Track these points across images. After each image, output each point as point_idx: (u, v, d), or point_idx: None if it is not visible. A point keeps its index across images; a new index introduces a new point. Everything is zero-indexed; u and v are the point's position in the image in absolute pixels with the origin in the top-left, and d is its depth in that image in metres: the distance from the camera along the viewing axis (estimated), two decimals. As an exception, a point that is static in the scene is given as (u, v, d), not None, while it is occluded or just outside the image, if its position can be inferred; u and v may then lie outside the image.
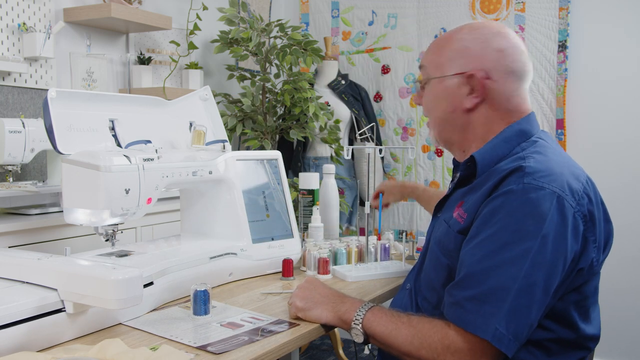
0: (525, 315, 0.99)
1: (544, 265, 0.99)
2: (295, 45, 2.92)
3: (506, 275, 0.99)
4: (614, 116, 2.97)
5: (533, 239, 0.99)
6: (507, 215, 1.01)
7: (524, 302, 0.98)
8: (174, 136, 1.56)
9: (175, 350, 0.98)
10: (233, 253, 1.50)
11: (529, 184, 1.02)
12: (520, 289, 0.98)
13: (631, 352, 2.95)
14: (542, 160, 1.08)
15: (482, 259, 1.01)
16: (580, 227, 1.04)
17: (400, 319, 1.08)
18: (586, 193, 1.08)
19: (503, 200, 1.03)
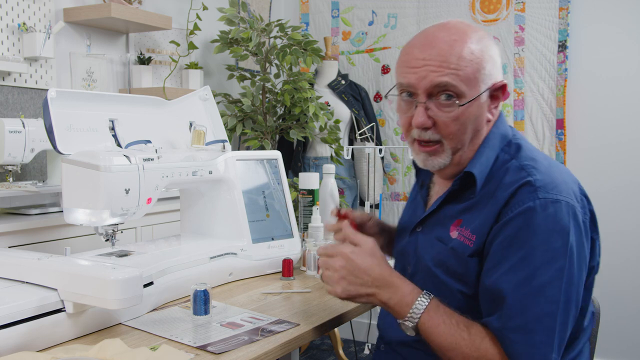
0: (565, 331, 0.98)
1: (575, 279, 0.99)
2: (295, 45, 2.92)
3: (547, 299, 0.96)
4: (614, 116, 2.97)
5: (563, 257, 0.97)
6: (533, 235, 0.98)
7: (565, 320, 0.98)
8: (174, 136, 1.56)
9: (175, 350, 0.98)
10: (233, 253, 1.50)
11: (544, 198, 0.99)
12: (562, 311, 0.97)
13: (631, 352, 2.95)
14: (544, 170, 1.05)
15: (519, 285, 0.97)
16: (588, 231, 1.04)
17: (461, 333, 1.00)
18: (582, 193, 1.07)
19: (524, 220, 0.99)
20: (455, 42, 1.06)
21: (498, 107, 1.13)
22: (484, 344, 0.99)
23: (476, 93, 1.07)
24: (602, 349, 2.30)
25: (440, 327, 1.01)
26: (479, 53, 1.06)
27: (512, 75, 3.16)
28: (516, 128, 3.15)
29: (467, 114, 1.07)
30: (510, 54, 3.16)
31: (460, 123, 1.07)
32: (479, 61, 1.06)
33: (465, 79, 1.05)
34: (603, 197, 3.00)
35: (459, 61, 1.05)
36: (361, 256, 1.07)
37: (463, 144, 1.10)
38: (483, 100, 1.09)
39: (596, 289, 1.61)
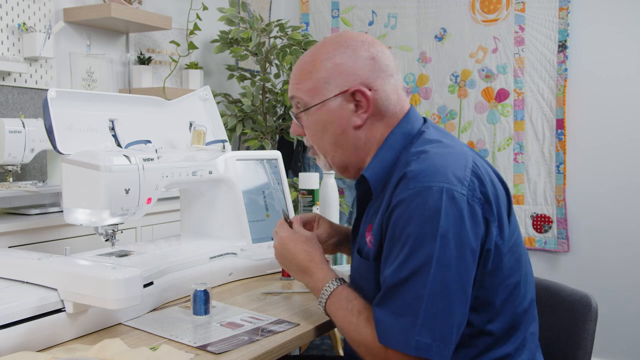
0: (447, 317, 0.97)
1: (452, 262, 0.97)
2: (295, 45, 2.92)
3: (416, 284, 0.97)
4: (614, 116, 2.97)
5: (432, 241, 0.97)
6: (406, 225, 0.99)
7: (441, 305, 0.97)
8: (174, 136, 1.56)
9: (175, 350, 0.99)
10: (233, 253, 1.50)
11: (414, 187, 1.00)
12: (432, 294, 0.96)
13: (631, 352, 2.95)
14: (424, 159, 1.05)
15: (393, 273, 1.00)
16: (478, 211, 1.01)
17: (351, 318, 1.07)
18: (475, 176, 1.03)
19: (398, 212, 1.01)
20: (304, 58, 1.17)
21: (369, 111, 1.13)
22: (366, 328, 1.04)
23: (318, 101, 1.14)
24: (601, 349, 2.30)
25: (339, 312, 1.10)
26: (320, 64, 1.14)
27: (512, 75, 3.16)
28: (516, 128, 3.15)
29: (316, 120, 1.15)
30: (510, 54, 3.16)
31: (314, 129, 1.17)
32: (319, 72, 1.14)
33: (305, 90, 1.15)
34: (603, 197, 3.00)
35: (300, 74, 1.16)
36: (293, 242, 1.23)
37: (325, 150, 1.18)
38: (334, 107, 1.13)
39: (595, 288, 1.62)
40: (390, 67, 1.15)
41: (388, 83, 1.14)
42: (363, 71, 1.13)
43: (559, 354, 1.29)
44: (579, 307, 1.30)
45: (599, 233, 3.01)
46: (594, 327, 1.28)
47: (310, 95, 1.14)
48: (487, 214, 1.03)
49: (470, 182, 1.02)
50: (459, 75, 3.28)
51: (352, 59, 1.13)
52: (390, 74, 1.15)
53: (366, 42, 1.15)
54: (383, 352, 1.00)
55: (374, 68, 1.13)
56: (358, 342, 1.04)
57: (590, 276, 3.00)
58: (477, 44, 3.24)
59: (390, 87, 1.15)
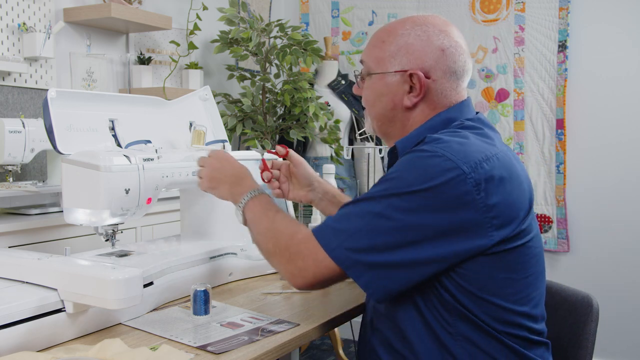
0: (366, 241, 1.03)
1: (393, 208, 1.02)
2: (295, 45, 2.92)
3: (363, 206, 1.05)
4: (614, 116, 2.97)
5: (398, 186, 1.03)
6: (396, 169, 1.07)
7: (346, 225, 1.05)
8: (174, 136, 1.56)
9: (175, 350, 0.99)
10: (233, 253, 1.50)
11: (420, 149, 1.07)
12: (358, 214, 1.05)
13: (631, 352, 2.95)
14: (439, 143, 1.07)
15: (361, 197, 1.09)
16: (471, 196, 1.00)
17: (268, 214, 1.18)
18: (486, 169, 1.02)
19: (397, 165, 1.08)
20: (383, 28, 1.23)
21: (420, 96, 1.16)
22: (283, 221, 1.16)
23: (379, 71, 1.19)
24: (601, 349, 2.30)
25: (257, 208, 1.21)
26: (393, 39, 1.19)
27: (512, 75, 3.16)
28: (516, 128, 3.15)
29: (374, 87, 1.21)
30: (510, 54, 3.16)
31: (369, 95, 1.23)
32: (389, 45, 1.19)
33: (373, 57, 1.20)
34: (603, 197, 3.00)
35: (374, 43, 1.22)
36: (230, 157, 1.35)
37: (374, 116, 1.23)
38: (391, 81, 1.18)
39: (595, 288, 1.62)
40: (458, 64, 1.17)
41: (449, 79, 1.17)
42: (428, 58, 1.16)
43: (560, 354, 1.29)
44: (580, 308, 1.30)
45: (599, 233, 3.01)
46: (595, 328, 1.28)
47: (376, 63, 1.20)
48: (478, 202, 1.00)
49: (479, 166, 1.02)
50: (459, 75, 3.27)
51: (424, 43, 1.16)
52: (453, 71, 1.17)
53: (444, 33, 1.17)
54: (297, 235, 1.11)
55: (439, 60, 1.16)
56: (272, 229, 1.15)
57: (590, 276, 3.00)
58: (477, 44, 3.24)
59: (450, 83, 1.17)
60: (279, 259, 1.13)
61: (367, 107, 1.25)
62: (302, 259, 1.08)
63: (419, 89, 1.15)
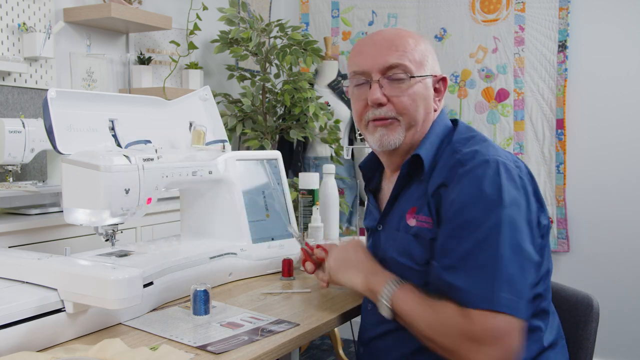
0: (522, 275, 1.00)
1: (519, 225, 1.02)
2: (295, 45, 2.92)
3: (489, 247, 1.00)
4: (614, 116, 2.97)
5: (496, 207, 1.01)
6: (468, 197, 1.04)
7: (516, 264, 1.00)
8: (174, 136, 1.56)
9: (175, 350, 0.98)
10: (233, 253, 1.50)
11: (472, 164, 1.07)
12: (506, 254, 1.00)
13: (631, 352, 2.95)
14: (473, 144, 1.14)
15: (460, 242, 1.02)
16: (527, 186, 1.09)
17: (427, 302, 1.05)
18: (518, 159, 1.14)
19: (458, 189, 1.06)
20: (399, 33, 1.21)
21: (442, 100, 1.24)
22: (446, 308, 1.02)
23: (422, 73, 1.19)
24: (601, 348, 2.30)
25: (410, 298, 1.07)
26: (422, 44, 1.21)
27: (512, 75, 3.16)
28: (516, 128, 3.15)
29: (417, 90, 1.18)
30: (510, 54, 3.16)
31: (412, 99, 1.18)
32: (422, 49, 1.20)
33: (413, 60, 1.18)
34: (603, 196, 3.00)
35: (406, 46, 1.19)
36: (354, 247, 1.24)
37: (416, 121, 1.20)
38: (428, 85, 1.20)
39: (596, 288, 1.62)
40: None
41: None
42: (438, 64, 1.25)
43: (559, 354, 1.29)
44: (581, 308, 1.30)
45: (599, 233, 3.01)
46: (595, 328, 1.28)
47: (416, 65, 1.19)
48: (529, 189, 1.09)
49: (517, 161, 1.12)
50: (459, 75, 3.28)
51: (431, 48, 1.24)
52: None
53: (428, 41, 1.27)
54: (468, 319, 0.98)
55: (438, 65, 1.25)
56: (440, 323, 1.01)
57: (591, 276, 3.00)
58: (477, 44, 3.24)
59: None
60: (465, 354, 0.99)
61: (407, 112, 1.19)
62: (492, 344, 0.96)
63: (443, 92, 1.22)
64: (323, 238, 1.77)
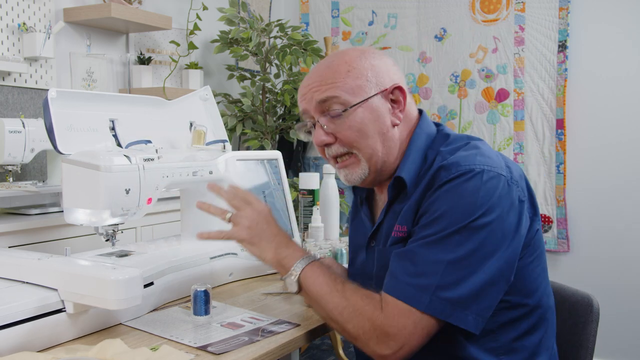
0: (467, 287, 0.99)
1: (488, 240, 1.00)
2: (295, 45, 2.92)
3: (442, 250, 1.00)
4: (614, 116, 2.97)
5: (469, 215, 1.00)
6: (444, 202, 1.03)
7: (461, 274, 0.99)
8: (174, 136, 1.56)
9: (175, 351, 0.98)
10: (233, 253, 1.50)
11: (456, 172, 1.04)
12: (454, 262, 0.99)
13: (631, 352, 2.95)
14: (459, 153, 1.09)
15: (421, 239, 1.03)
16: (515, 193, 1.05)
17: (336, 285, 1.07)
18: (508, 165, 1.10)
19: (438, 193, 1.04)
20: (332, 62, 1.15)
21: (404, 110, 1.16)
22: (355, 294, 1.04)
23: (361, 99, 1.12)
24: (601, 348, 2.30)
25: (320, 278, 1.08)
26: (357, 64, 1.13)
27: (512, 75, 3.16)
28: (516, 128, 3.15)
29: (360, 119, 1.12)
30: (510, 54, 3.16)
31: (357, 129, 1.12)
32: (359, 71, 1.13)
33: (347, 89, 1.12)
34: (603, 196, 3.00)
35: (336, 76, 1.13)
36: (271, 216, 1.20)
37: (373, 149, 1.14)
38: (376, 105, 1.13)
39: (595, 288, 1.61)
40: (402, 73, 1.23)
41: (405, 88, 1.18)
42: (391, 73, 1.16)
43: (560, 355, 1.29)
44: (581, 308, 1.30)
45: (599, 233, 3.01)
46: (595, 328, 1.28)
47: (352, 93, 1.12)
48: (522, 196, 1.07)
49: (507, 167, 1.07)
50: (459, 75, 3.28)
51: (382, 62, 1.16)
52: (404, 80, 1.19)
53: (378, 53, 1.19)
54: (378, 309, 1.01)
55: (397, 73, 1.17)
56: (345, 307, 1.04)
57: (590, 276, 3.00)
58: (477, 44, 3.24)
59: (408, 92, 1.19)
60: (364, 341, 1.02)
61: (358, 144, 1.13)
62: (394, 336, 0.99)
63: (403, 103, 1.15)
64: (323, 238, 1.77)
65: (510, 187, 1.05)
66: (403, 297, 1.00)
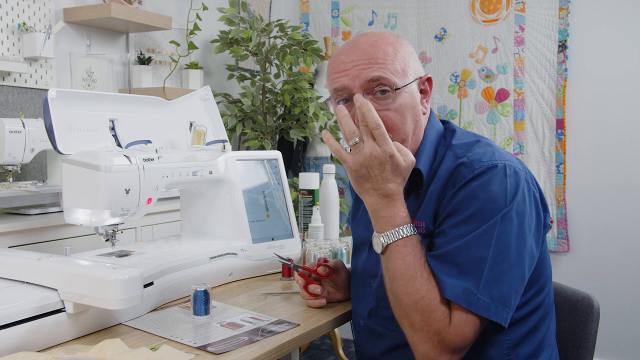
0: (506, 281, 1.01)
1: (513, 231, 1.02)
2: (295, 45, 2.92)
3: (479, 247, 1.01)
4: (614, 116, 2.97)
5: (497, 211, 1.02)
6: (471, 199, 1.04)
7: (501, 268, 1.01)
8: (174, 136, 1.56)
9: (175, 351, 0.98)
10: (233, 253, 1.50)
11: (480, 167, 1.06)
12: (494, 258, 1.00)
13: (631, 352, 2.95)
14: (476, 147, 1.12)
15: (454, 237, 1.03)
16: (532, 188, 1.09)
17: (423, 271, 1.03)
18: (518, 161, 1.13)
19: (465, 192, 1.05)
20: (376, 42, 1.13)
21: (429, 101, 1.20)
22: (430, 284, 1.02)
23: (406, 82, 1.13)
24: (602, 348, 2.30)
25: (408, 257, 1.04)
26: (400, 49, 1.14)
27: (512, 75, 3.16)
28: (516, 128, 3.15)
29: (404, 103, 1.12)
30: (510, 54, 3.16)
31: (400, 113, 1.12)
32: (403, 55, 1.14)
33: (394, 71, 1.12)
34: (603, 196, 3.00)
35: (385, 56, 1.11)
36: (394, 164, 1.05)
37: (407, 135, 1.14)
38: (414, 91, 1.15)
39: (596, 288, 1.62)
40: None
41: None
42: (419, 63, 1.19)
43: (560, 354, 1.29)
44: (581, 308, 1.30)
45: (599, 233, 3.01)
46: (595, 328, 1.28)
47: (400, 76, 1.12)
48: (535, 192, 1.10)
49: (521, 164, 1.10)
50: (458, 75, 3.28)
51: (413, 50, 1.18)
52: None
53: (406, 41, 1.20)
54: (444, 308, 1.01)
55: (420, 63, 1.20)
56: (419, 295, 1.01)
57: (590, 276, 3.00)
58: (477, 44, 3.24)
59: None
60: (422, 339, 1.01)
61: (395, 128, 1.11)
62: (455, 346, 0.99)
63: (429, 92, 1.18)
64: (323, 238, 1.77)
65: (528, 182, 1.08)
66: (457, 300, 0.99)
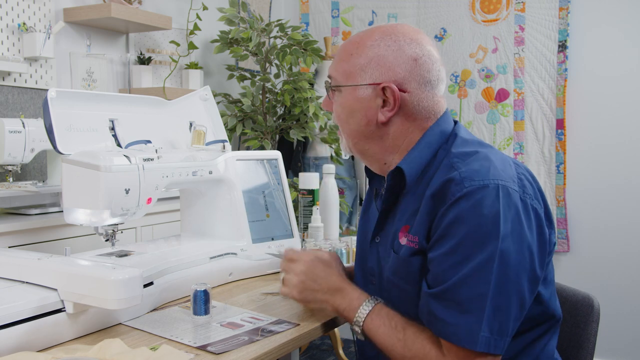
0: (506, 312, 0.98)
1: (511, 259, 0.98)
2: (295, 45, 2.92)
3: (479, 282, 0.97)
4: (614, 116, 2.97)
5: (494, 239, 0.97)
6: (463, 224, 0.99)
7: (502, 301, 0.97)
8: (174, 136, 1.56)
9: (175, 350, 0.98)
10: (233, 253, 1.50)
11: (470, 186, 1.00)
12: (494, 291, 0.97)
13: (631, 352, 2.95)
14: (472, 160, 1.06)
15: (451, 271, 0.99)
16: (529, 207, 1.03)
17: (397, 334, 1.06)
18: (520, 174, 1.07)
19: (454, 212, 1.00)
20: (351, 40, 1.17)
21: (394, 110, 1.12)
22: (416, 343, 1.03)
23: (349, 84, 1.14)
24: (602, 348, 2.30)
25: (380, 329, 1.08)
26: (362, 51, 1.13)
27: (512, 75, 3.16)
28: (516, 128, 3.15)
29: (345, 103, 1.16)
30: (510, 54, 3.16)
31: (340, 111, 1.17)
32: (358, 57, 1.13)
33: (342, 71, 1.15)
34: (603, 196, 3.00)
35: (342, 55, 1.16)
36: (320, 265, 1.19)
37: (348, 134, 1.18)
38: (363, 95, 1.13)
39: (596, 288, 1.62)
40: (432, 74, 1.13)
41: (424, 89, 1.13)
42: (401, 70, 1.11)
43: (560, 355, 1.29)
44: (581, 308, 1.30)
45: (599, 233, 3.01)
46: (596, 328, 1.28)
47: (344, 76, 1.15)
48: (538, 209, 1.05)
49: (519, 179, 1.05)
50: (458, 75, 3.28)
51: (395, 54, 1.11)
52: (428, 81, 1.13)
53: (415, 41, 1.12)
54: (435, 350, 1.00)
55: (413, 70, 1.11)
56: (409, 357, 1.03)
57: (591, 276, 3.00)
58: (477, 44, 3.24)
59: (426, 93, 1.13)
60: None
61: (340, 124, 1.19)
62: None
63: (392, 103, 1.11)
64: (323, 238, 1.77)
65: (525, 202, 1.03)
66: (459, 341, 0.98)
